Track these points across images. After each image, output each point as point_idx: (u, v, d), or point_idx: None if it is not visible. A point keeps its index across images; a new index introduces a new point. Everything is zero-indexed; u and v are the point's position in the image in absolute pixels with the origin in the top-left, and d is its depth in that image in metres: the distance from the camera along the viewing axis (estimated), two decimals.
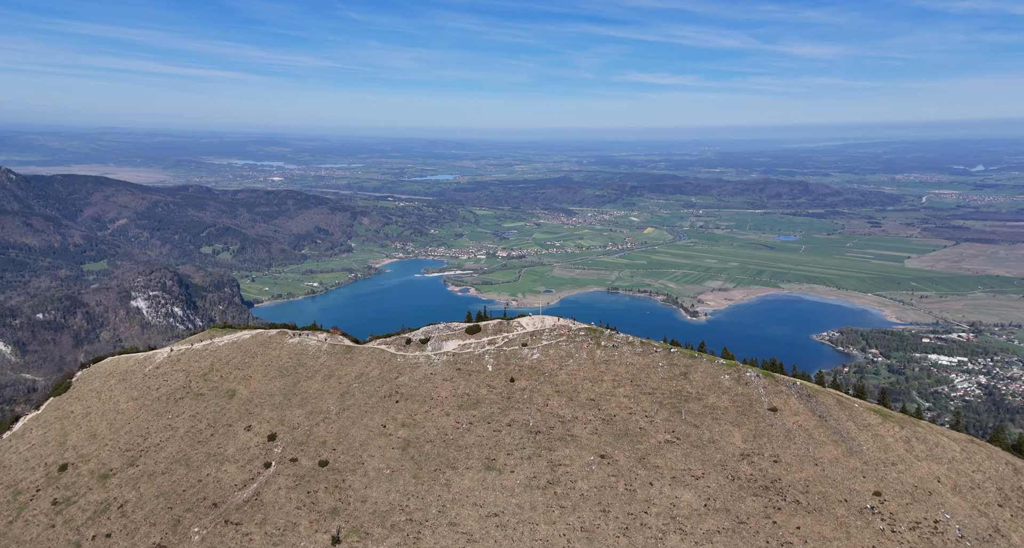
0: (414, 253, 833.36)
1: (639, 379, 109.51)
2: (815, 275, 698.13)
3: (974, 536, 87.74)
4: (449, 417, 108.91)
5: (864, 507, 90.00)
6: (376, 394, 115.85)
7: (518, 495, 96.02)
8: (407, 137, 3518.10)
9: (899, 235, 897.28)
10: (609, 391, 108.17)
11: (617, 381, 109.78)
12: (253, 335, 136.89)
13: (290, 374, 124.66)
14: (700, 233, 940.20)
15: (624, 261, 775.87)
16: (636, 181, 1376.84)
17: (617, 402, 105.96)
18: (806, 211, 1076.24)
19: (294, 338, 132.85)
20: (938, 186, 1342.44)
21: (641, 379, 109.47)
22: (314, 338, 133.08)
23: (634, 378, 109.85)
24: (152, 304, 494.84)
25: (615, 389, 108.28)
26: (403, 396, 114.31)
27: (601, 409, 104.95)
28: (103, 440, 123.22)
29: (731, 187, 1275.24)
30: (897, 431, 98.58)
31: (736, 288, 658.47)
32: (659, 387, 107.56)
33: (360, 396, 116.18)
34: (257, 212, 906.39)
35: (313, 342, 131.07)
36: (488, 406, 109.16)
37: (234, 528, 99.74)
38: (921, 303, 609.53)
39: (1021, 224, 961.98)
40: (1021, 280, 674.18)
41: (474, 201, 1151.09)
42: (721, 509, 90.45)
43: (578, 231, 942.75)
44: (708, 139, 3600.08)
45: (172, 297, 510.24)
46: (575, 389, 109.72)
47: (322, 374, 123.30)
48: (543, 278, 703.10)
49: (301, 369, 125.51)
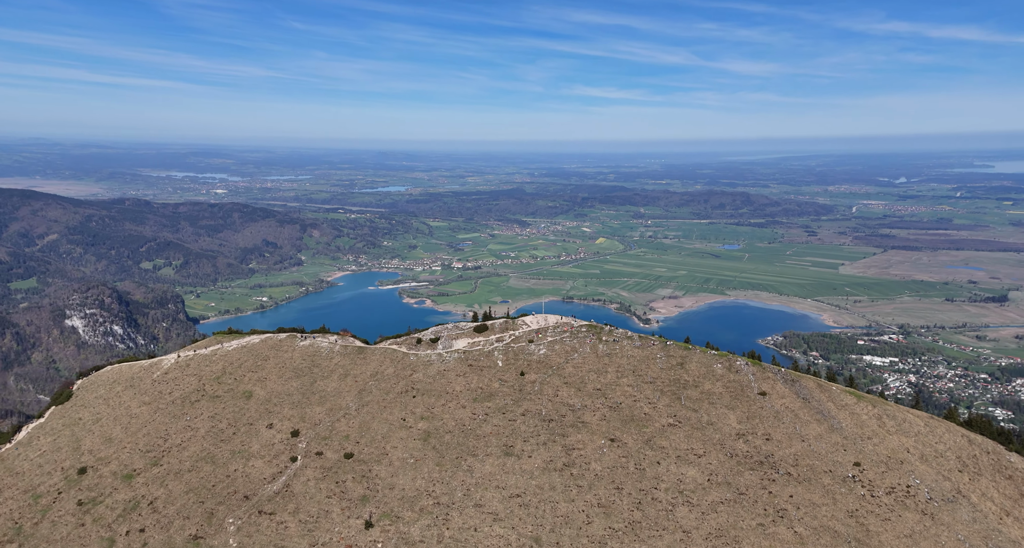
0: (367, 265, 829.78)
1: (640, 370, 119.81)
2: (759, 282, 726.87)
3: (940, 497, 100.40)
4: (465, 409, 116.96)
5: (846, 476, 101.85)
6: (393, 390, 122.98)
7: (537, 477, 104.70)
8: (357, 149, 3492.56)
9: (833, 243, 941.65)
10: (614, 381, 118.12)
11: (620, 372, 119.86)
12: (263, 339, 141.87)
13: (306, 374, 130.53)
14: (650, 243, 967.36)
15: (578, 271, 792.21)
16: (587, 193, 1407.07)
17: (622, 391, 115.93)
18: (748, 221, 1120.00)
19: (305, 341, 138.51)
20: (866, 197, 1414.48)
21: (642, 370, 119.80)
22: (325, 340, 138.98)
23: (635, 369, 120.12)
24: (89, 323, 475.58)
25: (619, 379, 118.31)
26: (419, 391, 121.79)
27: (607, 398, 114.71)
28: (120, 443, 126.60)
29: (677, 198, 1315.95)
30: (870, 409, 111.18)
31: (685, 295, 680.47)
32: (659, 376, 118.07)
33: (377, 393, 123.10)
34: (201, 225, 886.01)
35: (325, 344, 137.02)
36: (502, 398, 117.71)
37: (268, 517, 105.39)
38: (855, 307, 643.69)
39: (940, 232, 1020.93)
40: (943, 284, 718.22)
41: (427, 213, 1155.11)
42: (723, 482, 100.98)
43: (532, 242, 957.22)
44: (654, 152, 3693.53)
45: (111, 315, 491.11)
46: (582, 380, 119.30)
47: (338, 373, 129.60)
48: (499, 289, 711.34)
49: (316, 369, 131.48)
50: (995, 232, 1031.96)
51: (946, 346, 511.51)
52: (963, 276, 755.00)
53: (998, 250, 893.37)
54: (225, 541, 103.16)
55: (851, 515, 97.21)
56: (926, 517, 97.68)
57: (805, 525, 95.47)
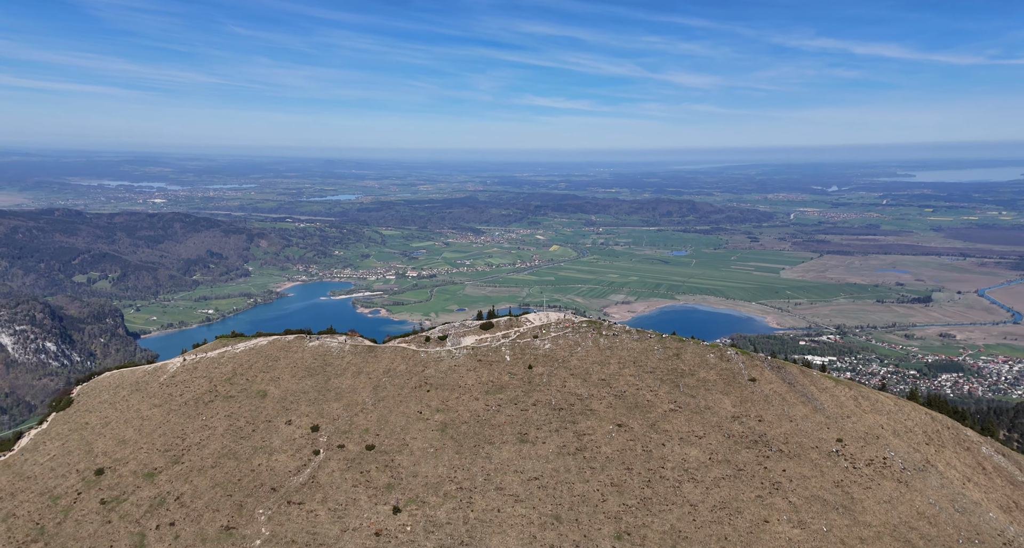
0: (319, 275, 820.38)
1: (640, 361, 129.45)
2: (706, 287, 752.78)
3: (913, 467, 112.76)
4: (479, 401, 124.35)
5: (831, 451, 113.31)
6: (407, 385, 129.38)
7: (552, 461, 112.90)
8: (304, 157, 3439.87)
9: (774, 249, 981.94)
10: (616, 372, 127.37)
11: (622, 363, 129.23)
12: (270, 341, 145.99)
13: (319, 373, 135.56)
14: (602, 250, 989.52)
15: (533, 278, 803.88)
16: (540, 201, 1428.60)
17: (625, 380, 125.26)
18: (694, 228, 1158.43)
19: (314, 341, 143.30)
20: (802, 204, 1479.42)
21: (642, 361, 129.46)
22: (334, 341, 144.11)
23: (636, 360, 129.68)
24: (19, 340, 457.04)
25: (621, 370, 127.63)
26: (433, 386, 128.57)
27: (612, 387, 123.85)
28: (136, 444, 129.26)
29: (627, 206, 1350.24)
30: (847, 391, 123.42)
31: (637, 301, 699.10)
32: (658, 366, 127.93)
33: (392, 388, 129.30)
34: (139, 236, 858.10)
35: (334, 344, 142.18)
36: (512, 390, 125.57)
37: (297, 507, 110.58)
38: (796, 309, 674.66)
39: (870, 238, 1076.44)
40: (874, 287, 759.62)
41: (380, 221, 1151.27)
42: (723, 460, 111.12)
43: (487, 250, 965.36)
44: (603, 161, 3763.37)
45: (43, 331, 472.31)
46: (587, 372, 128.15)
47: (351, 371, 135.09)
48: (456, 297, 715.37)
49: (329, 368, 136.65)
50: (918, 237, 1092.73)
51: (878, 345, 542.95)
52: (891, 278, 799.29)
53: (921, 254, 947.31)
54: (257, 530, 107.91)
55: (837, 485, 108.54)
56: (901, 484, 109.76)
57: (798, 495, 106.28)
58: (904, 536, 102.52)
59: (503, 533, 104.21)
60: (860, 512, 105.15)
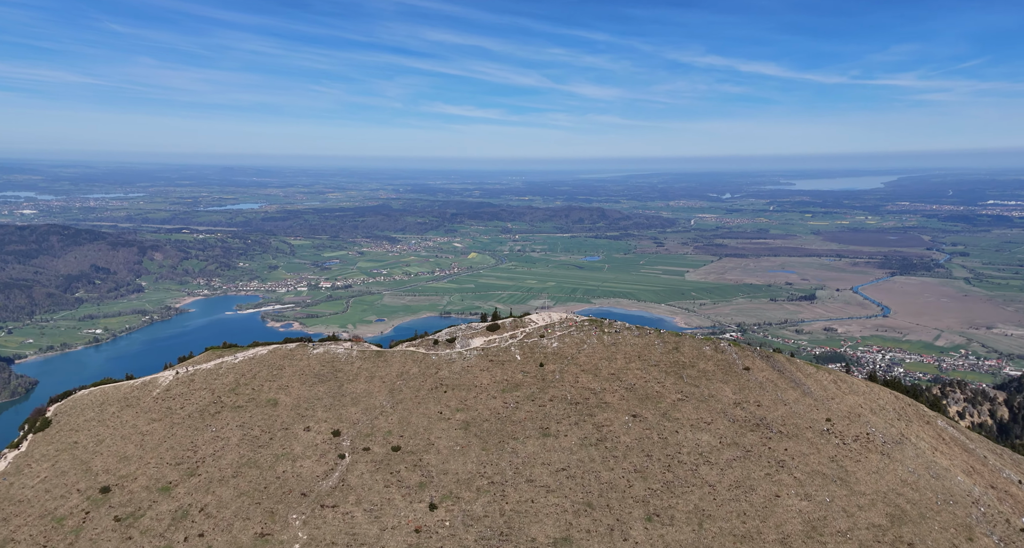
0: (222, 289, 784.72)
1: (644, 355, 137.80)
2: (619, 290, 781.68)
3: (890, 441, 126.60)
4: (497, 399, 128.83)
5: (823, 430, 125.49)
6: (423, 387, 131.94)
7: (576, 452, 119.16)
8: (198, 164, 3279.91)
9: (678, 253, 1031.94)
10: (623, 366, 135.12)
11: (627, 358, 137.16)
12: (271, 350, 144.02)
13: (330, 379, 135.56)
14: (519, 256, 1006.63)
15: (453, 285, 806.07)
16: (455, 208, 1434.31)
17: (633, 374, 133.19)
18: (605, 234, 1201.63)
19: (318, 349, 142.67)
20: (701, 211, 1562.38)
21: (645, 355, 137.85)
22: (339, 347, 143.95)
23: (640, 355, 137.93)
24: None
25: (628, 364, 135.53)
26: (449, 387, 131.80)
27: (622, 381, 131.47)
28: (141, 460, 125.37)
29: (541, 214, 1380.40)
30: (827, 376, 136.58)
31: (556, 305, 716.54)
32: (661, 360, 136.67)
33: (408, 391, 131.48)
34: (8, 251, 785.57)
35: (340, 350, 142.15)
36: (528, 387, 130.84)
37: (332, 510, 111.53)
38: (701, 309, 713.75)
39: (761, 241, 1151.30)
40: (767, 286, 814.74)
41: (287, 231, 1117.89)
42: (731, 443, 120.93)
43: (404, 258, 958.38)
44: (516, 169, 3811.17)
45: None
46: (596, 367, 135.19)
47: (363, 376, 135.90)
48: (373, 307, 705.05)
49: (340, 374, 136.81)
50: (801, 240, 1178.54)
51: (774, 340, 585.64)
52: (781, 279, 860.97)
53: (805, 255, 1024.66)
54: (294, 535, 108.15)
55: (832, 460, 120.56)
56: (884, 457, 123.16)
57: (801, 471, 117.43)
58: (893, 502, 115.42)
59: (540, 522, 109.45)
60: (854, 483, 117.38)
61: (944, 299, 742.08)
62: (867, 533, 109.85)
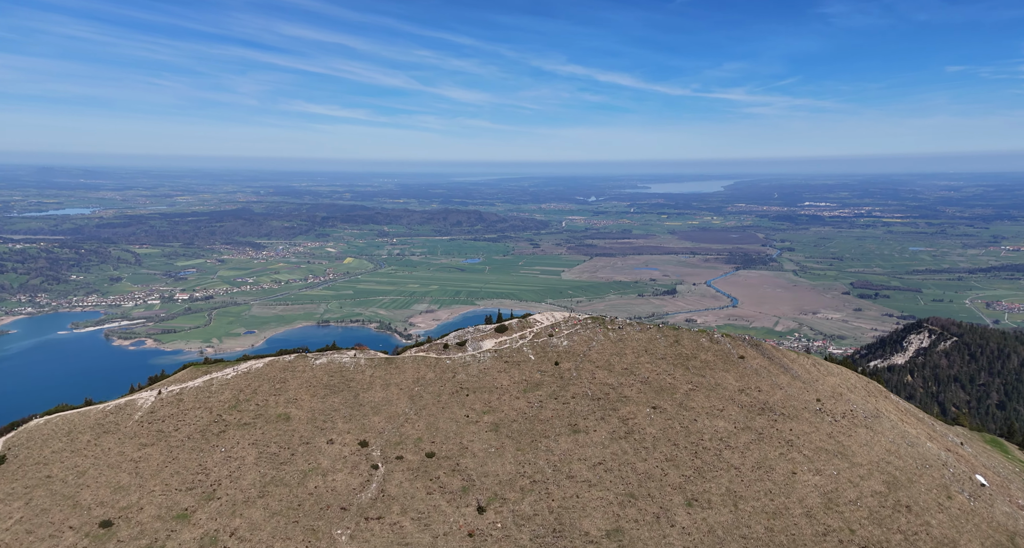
0: (51, 306, 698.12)
1: (650, 349, 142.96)
2: (501, 291, 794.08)
3: (870, 415, 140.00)
4: (520, 399, 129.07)
5: (816, 409, 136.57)
6: (444, 392, 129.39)
7: (609, 446, 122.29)
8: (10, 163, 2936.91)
9: (553, 253, 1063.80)
10: (634, 361, 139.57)
11: (636, 353, 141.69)
12: (267, 363, 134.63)
13: (343, 389, 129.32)
14: (398, 260, 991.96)
15: (330, 293, 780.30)
16: (326, 212, 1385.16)
17: (644, 368, 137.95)
18: (483, 236, 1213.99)
19: (320, 359, 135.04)
20: (570, 213, 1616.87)
21: (651, 349, 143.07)
22: (344, 356, 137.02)
23: (646, 349, 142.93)
24: None
25: (637, 359, 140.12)
26: (470, 390, 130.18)
27: (636, 374, 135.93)
28: (141, 488, 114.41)
29: (418, 216, 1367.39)
30: (807, 360, 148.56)
31: (441, 309, 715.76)
32: (667, 353, 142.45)
33: (429, 396, 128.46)
34: None
35: (346, 359, 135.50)
36: (548, 386, 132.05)
37: (377, 522, 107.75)
38: (579, 307, 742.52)
39: (625, 241, 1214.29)
40: (635, 283, 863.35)
41: (130, 238, 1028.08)
42: (744, 427, 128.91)
43: (272, 265, 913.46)
44: (387, 171, 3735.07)
45: None
46: (609, 363, 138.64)
47: (378, 384, 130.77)
48: (241, 319, 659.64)
49: (353, 383, 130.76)
50: (660, 239, 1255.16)
51: None
52: (646, 275, 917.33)
53: (664, 253, 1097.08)
54: None
55: (830, 436, 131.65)
56: (868, 430, 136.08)
57: (808, 448, 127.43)
58: (885, 470, 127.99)
59: (589, 516, 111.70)
60: (851, 456, 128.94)
61: (779, 289, 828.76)
62: (872, 500, 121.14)
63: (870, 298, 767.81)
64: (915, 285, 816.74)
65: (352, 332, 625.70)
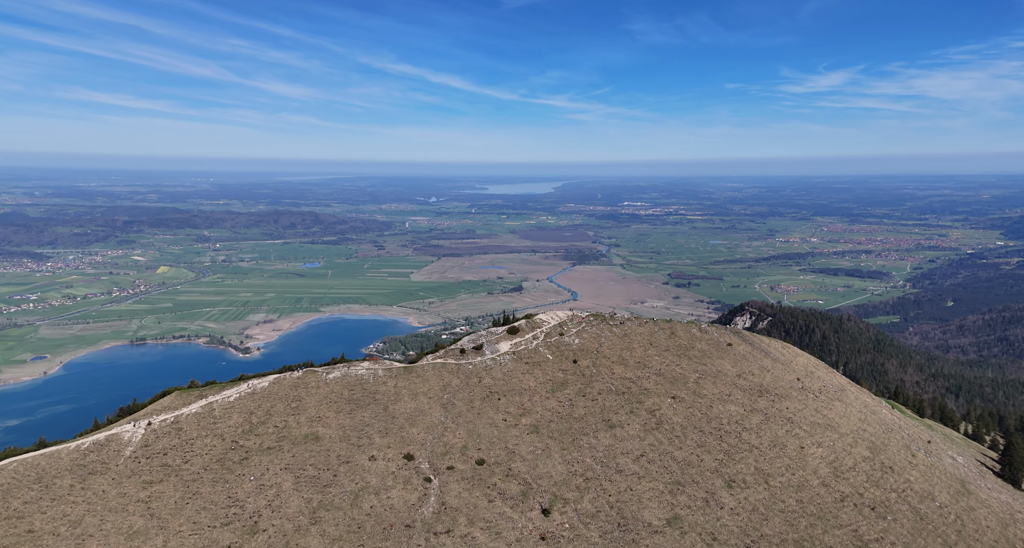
0: None
1: (654, 342, 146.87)
2: (348, 296, 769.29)
3: (837, 389, 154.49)
4: (551, 399, 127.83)
5: (800, 388, 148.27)
6: (475, 397, 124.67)
7: (645, 438, 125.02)
8: None
9: (400, 255, 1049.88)
10: (643, 354, 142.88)
11: (643, 347, 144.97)
12: (272, 381, 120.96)
13: (370, 403, 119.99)
14: (225, 267, 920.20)
15: (144, 306, 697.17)
16: (127, 215, 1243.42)
17: (654, 360, 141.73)
18: (321, 239, 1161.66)
19: (333, 373, 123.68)
20: (413, 214, 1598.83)
21: (655, 342, 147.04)
22: (359, 367, 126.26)
23: (651, 342, 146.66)
24: None
25: (646, 352, 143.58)
26: (500, 393, 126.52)
27: (649, 367, 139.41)
28: (164, 530, 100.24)
29: (244, 219, 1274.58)
30: (778, 344, 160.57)
31: (281, 318, 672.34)
32: (669, 345, 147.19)
33: (462, 403, 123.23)
34: None
35: (362, 371, 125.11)
36: (573, 384, 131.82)
37: (447, 536, 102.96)
38: (430, 308, 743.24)
39: (470, 241, 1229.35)
40: (483, 281, 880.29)
41: None
42: (752, 410, 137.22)
43: (62, 278, 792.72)
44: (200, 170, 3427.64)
45: None
46: (622, 357, 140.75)
47: (406, 394, 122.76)
48: (26, 343, 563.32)
49: (379, 396, 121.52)
50: (503, 239, 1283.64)
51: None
52: (493, 274, 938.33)
53: (507, 252, 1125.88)
54: None
55: (817, 411, 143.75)
56: (840, 402, 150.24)
57: (805, 424, 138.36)
58: (863, 436, 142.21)
59: (647, 507, 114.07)
60: (837, 426, 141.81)
61: (611, 282, 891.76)
62: (865, 465, 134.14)
63: (684, 287, 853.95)
64: (717, 274, 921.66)
65: (177, 349, 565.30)
